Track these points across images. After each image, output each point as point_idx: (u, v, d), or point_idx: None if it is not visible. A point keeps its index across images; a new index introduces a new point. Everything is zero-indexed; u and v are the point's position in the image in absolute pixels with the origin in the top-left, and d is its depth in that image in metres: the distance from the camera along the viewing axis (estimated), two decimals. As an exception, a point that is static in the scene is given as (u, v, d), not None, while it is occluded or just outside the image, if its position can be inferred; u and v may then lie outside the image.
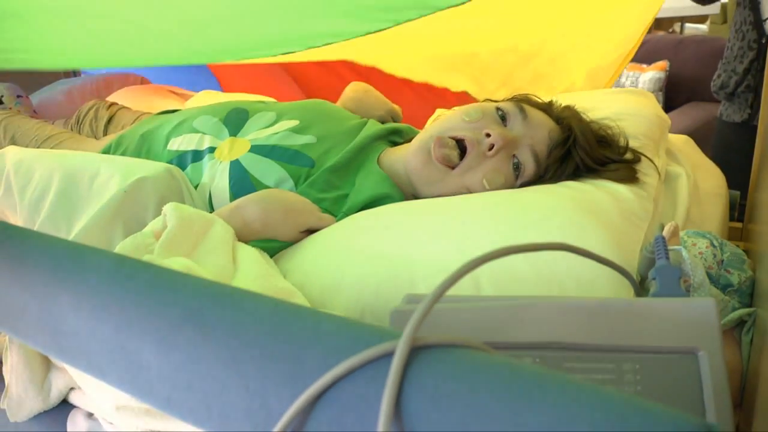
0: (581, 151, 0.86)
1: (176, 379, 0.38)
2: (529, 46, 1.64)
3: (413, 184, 0.91)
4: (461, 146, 0.86)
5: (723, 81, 1.78)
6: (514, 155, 0.85)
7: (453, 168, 0.85)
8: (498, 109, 0.89)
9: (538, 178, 0.87)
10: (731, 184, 1.08)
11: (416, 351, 0.31)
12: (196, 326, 0.37)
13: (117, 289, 0.42)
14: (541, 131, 0.87)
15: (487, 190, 0.84)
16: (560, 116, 0.92)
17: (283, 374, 0.33)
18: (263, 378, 0.33)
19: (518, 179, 0.86)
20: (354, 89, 1.15)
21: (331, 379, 0.31)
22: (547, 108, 0.94)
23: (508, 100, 0.96)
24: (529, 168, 0.85)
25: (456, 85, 1.75)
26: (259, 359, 0.34)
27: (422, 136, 0.91)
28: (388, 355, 0.31)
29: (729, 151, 1.10)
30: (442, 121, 0.91)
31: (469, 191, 0.86)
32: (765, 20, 1.63)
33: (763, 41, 1.64)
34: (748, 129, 1.73)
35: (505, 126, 0.87)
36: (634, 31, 1.60)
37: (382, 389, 0.29)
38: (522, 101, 0.94)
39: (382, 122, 1.10)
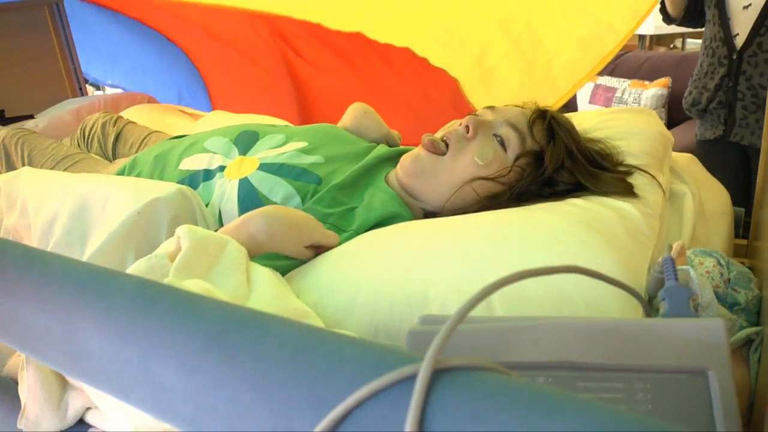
0: (564, 132, 0.92)
1: (200, 400, 0.39)
2: (504, 14, 1.71)
3: (411, 190, 0.94)
4: (444, 142, 0.94)
5: (694, 98, 1.78)
6: (494, 133, 0.92)
7: (443, 155, 0.93)
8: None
9: (540, 164, 0.90)
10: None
11: (438, 374, 0.32)
12: (221, 349, 0.38)
13: (141, 313, 0.43)
14: (513, 110, 0.96)
15: (482, 167, 0.90)
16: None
17: (307, 397, 0.34)
18: (288, 400, 0.34)
19: (508, 150, 0.91)
20: (354, 109, 1.17)
21: (354, 401, 0.32)
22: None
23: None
24: (512, 138, 0.91)
25: (436, 58, 1.82)
26: (284, 382, 0.35)
27: None
28: (411, 378, 0.32)
29: (713, 169, 1.11)
30: None
31: (464, 179, 0.90)
32: (735, 36, 1.63)
33: (734, 57, 1.63)
34: (723, 145, 1.73)
35: None
36: None
37: (406, 411, 0.30)
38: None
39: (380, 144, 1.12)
